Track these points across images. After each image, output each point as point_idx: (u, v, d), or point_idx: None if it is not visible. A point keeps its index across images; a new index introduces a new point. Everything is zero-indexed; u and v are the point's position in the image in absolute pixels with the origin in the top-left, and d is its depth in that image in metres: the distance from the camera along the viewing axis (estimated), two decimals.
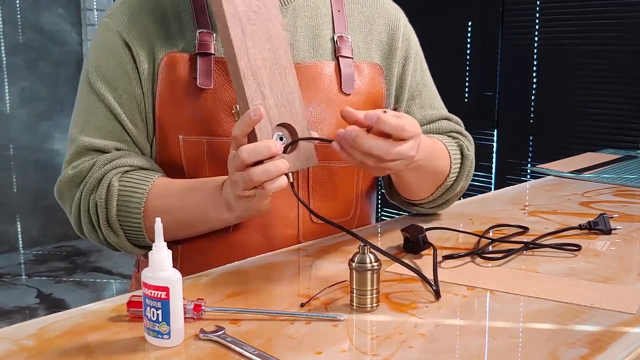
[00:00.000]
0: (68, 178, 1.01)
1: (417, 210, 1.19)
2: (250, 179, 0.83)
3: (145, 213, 0.98)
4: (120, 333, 0.73)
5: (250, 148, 0.82)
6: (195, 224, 1.00)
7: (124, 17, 1.02)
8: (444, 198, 1.15)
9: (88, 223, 1.01)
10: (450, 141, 1.14)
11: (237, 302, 0.82)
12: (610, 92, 2.41)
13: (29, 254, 4.23)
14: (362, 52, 1.10)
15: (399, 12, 1.17)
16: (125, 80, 1.02)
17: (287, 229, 1.05)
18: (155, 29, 1.02)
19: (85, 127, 1.03)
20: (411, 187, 1.10)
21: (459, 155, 1.13)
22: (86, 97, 1.04)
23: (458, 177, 1.13)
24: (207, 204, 0.96)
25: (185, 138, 1.01)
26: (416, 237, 0.98)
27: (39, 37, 4.20)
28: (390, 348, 0.69)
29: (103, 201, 0.98)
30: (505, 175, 2.73)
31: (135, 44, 1.01)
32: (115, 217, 0.98)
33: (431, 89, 1.20)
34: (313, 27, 1.07)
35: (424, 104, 1.17)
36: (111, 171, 0.99)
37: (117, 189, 0.98)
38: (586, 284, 0.87)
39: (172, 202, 0.98)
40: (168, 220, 0.97)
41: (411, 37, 1.17)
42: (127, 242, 1.01)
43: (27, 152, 4.22)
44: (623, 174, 1.61)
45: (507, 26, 2.69)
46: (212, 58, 1.01)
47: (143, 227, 0.99)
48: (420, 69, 1.18)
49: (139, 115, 1.03)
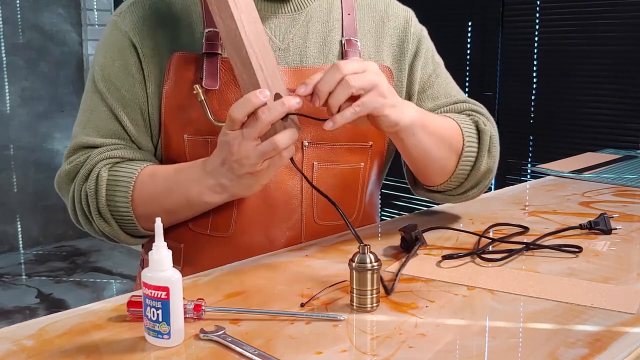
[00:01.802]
0: (65, 172, 1.03)
1: (443, 199, 1.15)
2: (275, 147, 0.85)
3: (134, 202, 0.99)
4: (120, 333, 0.73)
5: (268, 108, 0.84)
6: (179, 209, 1.00)
7: (133, 18, 1.03)
8: (471, 181, 1.09)
9: (82, 214, 1.02)
10: (462, 116, 1.10)
11: (237, 302, 0.82)
12: (610, 92, 2.41)
13: (29, 254, 4.23)
14: (372, 55, 1.10)
15: (409, 13, 1.17)
16: (130, 81, 1.02)
17: (290, 231, 1.05)
18: (165, 29, 1.02)
19: (87, 125, 1.04)
20: (427, 159, 1.03)
21: (473, 130, 1.08)
22: (90, 95, 1.05)
23: (479, 153, 1.08)
24: (191, 187, 0.96)
25: (190, 138, 1.01)
26: (410, 233, 0.98)
27: (39, 37, 4.20)
28: (390, 348, 0.69)
29: (93, 191, 0.99)
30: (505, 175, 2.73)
31: (142, 46, 1.01)
32: (106, 207, 0.99)
33: (445, 80, 1.17)
34: (324, 33, 1.07)
35: (437, 95, 1.15)
36: (101, 162, 1.00)
37: (106, 180, 0.99)
38: (586, 284, 0.87)
39: (157, 188, 0.98)
40: (155, 207, 0.99)
41: (422, 34, 1.16)
42: (121, 231, 1.02)
43: (27, 152, 4.22)
44: (623, 174, 1.61)
45: (507, 26, 2.69)
46: (218, 58, 1.01)
47: (133, 216, 0.99)
48: (432, 63, 1.16)
49: (140, 116, 1.03)
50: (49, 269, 3.97)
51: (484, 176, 1.11)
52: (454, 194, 1.12)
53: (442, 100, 1.15)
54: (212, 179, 0.93)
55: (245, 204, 1.03)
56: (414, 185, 1.18)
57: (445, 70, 1.19)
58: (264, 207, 1.03)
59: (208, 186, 0.94)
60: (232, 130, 0.87)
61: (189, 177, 0.96)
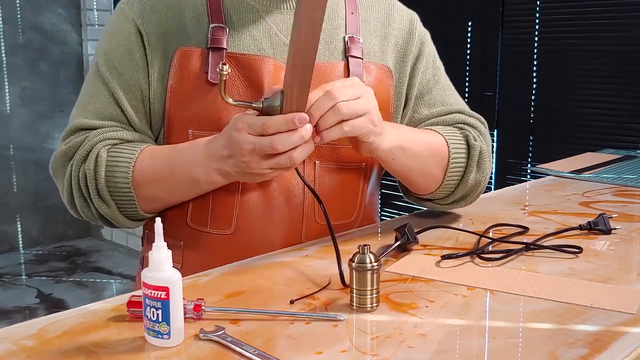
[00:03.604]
0: (61, 153, 1.03)
1: (433, 206, 1.17)
2: (292, 162, 0.87)
3: (135, 182, 0.99)
4: (120, 333, 0.73)
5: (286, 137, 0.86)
6: (183, 190, 1.00)
7: (140, 6, 1.03)
8: (458, 193, 1.12)
9: (79, 196, 1.02)
10: (451, 129, 1.12)
11: (237, 302, 0.82)
12: (610, 92, 2.41)
13: (29, 254, 4.23)
14: (377, 55, 1.10)
15: (413, 15, 1.17)
16: (133, 68, 1.02)
17: (290, 229, 1.05)
18: (171, 22, 1.02)
19: (86, 108, 1.04)
20: (410, 176, 1.08)
21: (462, 145, 1.10)
22: (92, 79, 1.05)
23: (467, 167, 1.10)
24: (195, 169, 0.96)
25: (195, 132, 1.01)
26: (403, 231, 0.99)
27: (39, 37, 4.20)
28: (390, 348, 0.69)
29: (92, 172, 0.98)
30: (505, 175, 2.73)
31: (148, 34, 1.02)
32: (105, 187, 0.99)
33: (444, 87, 1.18)
34: (329, 30, 1.07)
35: (433, 102, 1.16)
36: (100, 143, 1.00)
37: (105, 160, 0.98)
38: (586, 284, 0.87)
39: (159, 170, 0.98)
40: (158, 189, 0.99)
41: (425, 38, 1.17)
42: (119, 213, 1.02)
43: (27, 152, 4.22)
44: (623, 174, 1.61)
45: (507, 26, 2.68)
46: (224, 53, 1.01)
47: (134, 196, 0.99)
48: (433, 68, 1.17)
49: (141, 103, 1.03)
50: (48, 269, 3.97)
51: (472, 189, 1.13)
52: (442, 203, 1.15)
53: (438, 109, 1.16)
54: (216, 164, 0.94)
55: (247, 202, 1.03)
56: (405, 192, 1.20)
57: (445, 76, 1.20)
58: (264, 205, 1.03)
59: (213, 169, 0.95)
60: (249, 134, 0.87)
61: (193, 159, 0.96)
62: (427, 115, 1.15)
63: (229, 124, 0.90)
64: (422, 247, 1.03)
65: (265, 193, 1.03)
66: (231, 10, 1.03)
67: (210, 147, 0.94)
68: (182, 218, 1.05)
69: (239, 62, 1.01)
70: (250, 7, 1.04)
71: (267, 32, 1.03)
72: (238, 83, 1.01)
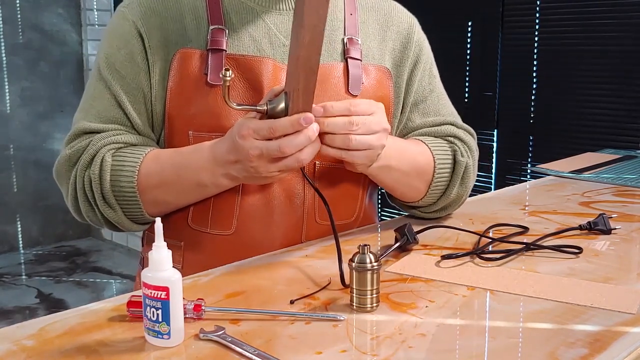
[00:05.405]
0: (65, 158, 1.03)
1: (415, 213, 1.18)
2: (300, 163, 0.87)
3: (140, 187, 0.99)
4: (120, 333, 0.73)
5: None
6: (190, 193, 1.00)
7: (141, 9, 1.03)
8: (440, 205, 1.14)
9: (85, 201, 1.02)
10: (441, 143, 1.12)
11: (237, 302, 0.82)
12: (610, 92, 2.41)
13: (29, 254, 4.23)
14: (376, 57, 1.10)
15: (413, 19, 1.17)
16: (135, 70, 1.02)
17: (291, 229, 1.05)
18: (171, 24, 1.02)
19: (89, 111, 1.04)
20: (395, 189, 1.10)
21: (448, 160, 1.11)
22: (94, 83, 1.05)
23: (451, 182, 1.11)
24: (200, 174, 0.96)
25: (195, 134, 1.01)
26: (402, 231, 0.99)
27: (39, 37, 4.20)
28: (390, 348, 0.69)
29: (97, 176, 0.99)
30: (505, 175, 2.73)
31: (148, 36, 1.02)
32: (110, 192, 0.99)
33: (439, 97, 1.18)
34: (328, 31, 1.07)
35: (427, 111, 1.16)
36: (104, 147, 1.00)
37: (110, 164, 0.99)
38: (586, 284, 0.87)
39: (165, 174, 0.99)
40: (164, 193, 0.99)
41: (423, 44, 1.17)
42: (125, 217, 1.02)
43: (27, 152, 4.22)
44: (623, 174, 1.61)
45: (507, 26, 2.68)
46: (223, 54, 1.01)
47: (139, 200, 1.00)
48: (429, 76, 1.17)
49: (144, 106, 1.03)
50: (48, 269, 3.97)
51: (454, 202, 1.16)
52: (425, 211, 1.17)
53: (431, 119, 1.16)
54: (222, 169, 0.94)
55: (247, 203, 1.03)
56: (389, 197, 1.21)
57: (440, 84, 1.20)
58: (265, 205, 1.03)
59: (220, 174, 0.95)
60: (256, 139, 0.87)
61: (198, 164, 0.96)
62: (419, 124, 1.15)
63: (233, 129, 0.90)
64: (422, 247, 1.03)
65: (265, 194, 1.03)
66: (231, 11, 1.03)
67: (214, 152, 0.94)
68: (183, 219, 1.05)
69: (239, 63, 1.01)
70: (249, 8, 1.04)
71: (266, 33, 1.03)
72: (238, 84, 1.01)
